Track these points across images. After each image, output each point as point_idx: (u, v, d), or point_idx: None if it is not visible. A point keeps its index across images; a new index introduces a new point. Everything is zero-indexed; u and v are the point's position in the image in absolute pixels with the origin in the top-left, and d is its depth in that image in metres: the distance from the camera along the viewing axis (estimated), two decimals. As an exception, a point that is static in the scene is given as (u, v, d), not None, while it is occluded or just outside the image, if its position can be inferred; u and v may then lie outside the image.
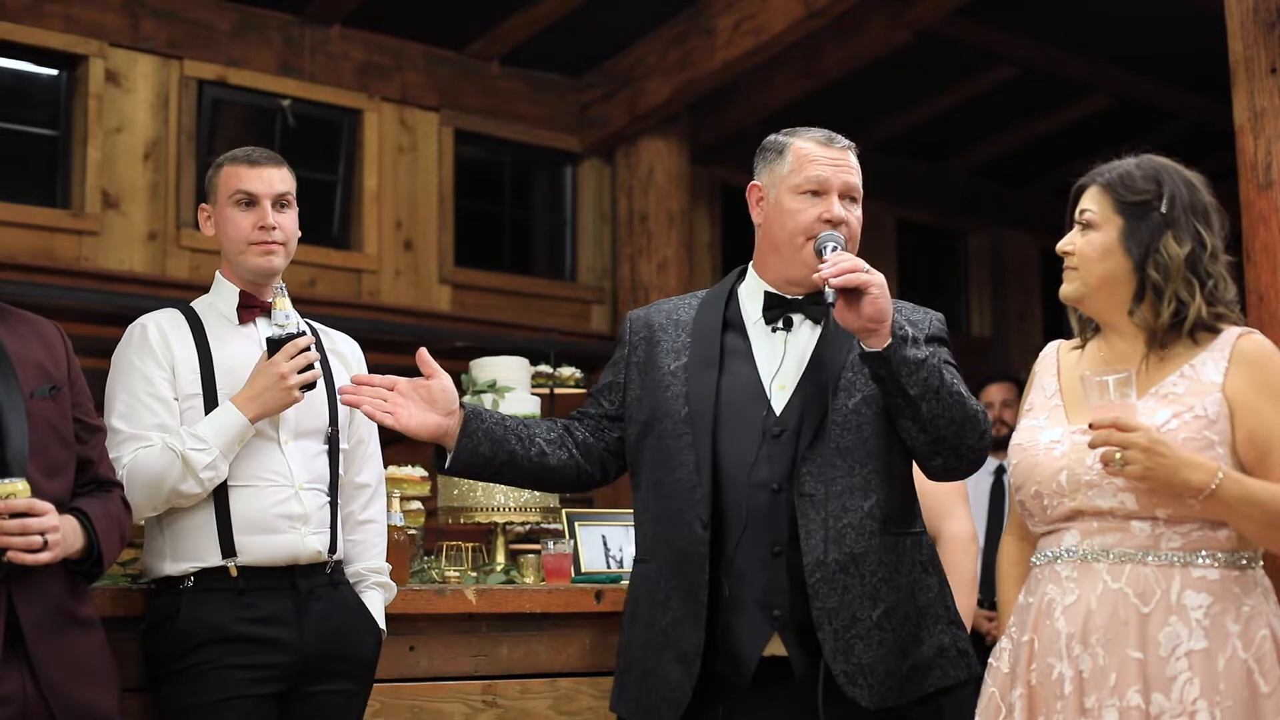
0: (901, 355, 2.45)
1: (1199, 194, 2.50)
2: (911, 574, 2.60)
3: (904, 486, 2.65)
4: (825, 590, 2.52)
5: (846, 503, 2.56)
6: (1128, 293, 2.48)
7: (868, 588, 2.54)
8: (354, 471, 3.08)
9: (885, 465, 2.60)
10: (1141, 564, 2.36)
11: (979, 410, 2.56)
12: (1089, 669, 2.34)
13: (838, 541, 2.54)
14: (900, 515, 2.62)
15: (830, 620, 2.51)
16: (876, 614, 2.53)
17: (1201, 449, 2.35)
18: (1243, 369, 2.40)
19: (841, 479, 2.57)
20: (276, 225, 2.98)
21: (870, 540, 2.55)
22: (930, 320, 2.71)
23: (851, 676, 2.50)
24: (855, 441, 2.59)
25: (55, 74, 7.26)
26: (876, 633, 2.53)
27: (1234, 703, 2.27)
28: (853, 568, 2.54)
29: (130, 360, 2.92)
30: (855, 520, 2.56)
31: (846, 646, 2.51)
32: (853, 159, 2.73)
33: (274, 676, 2.82)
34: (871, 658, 2.51)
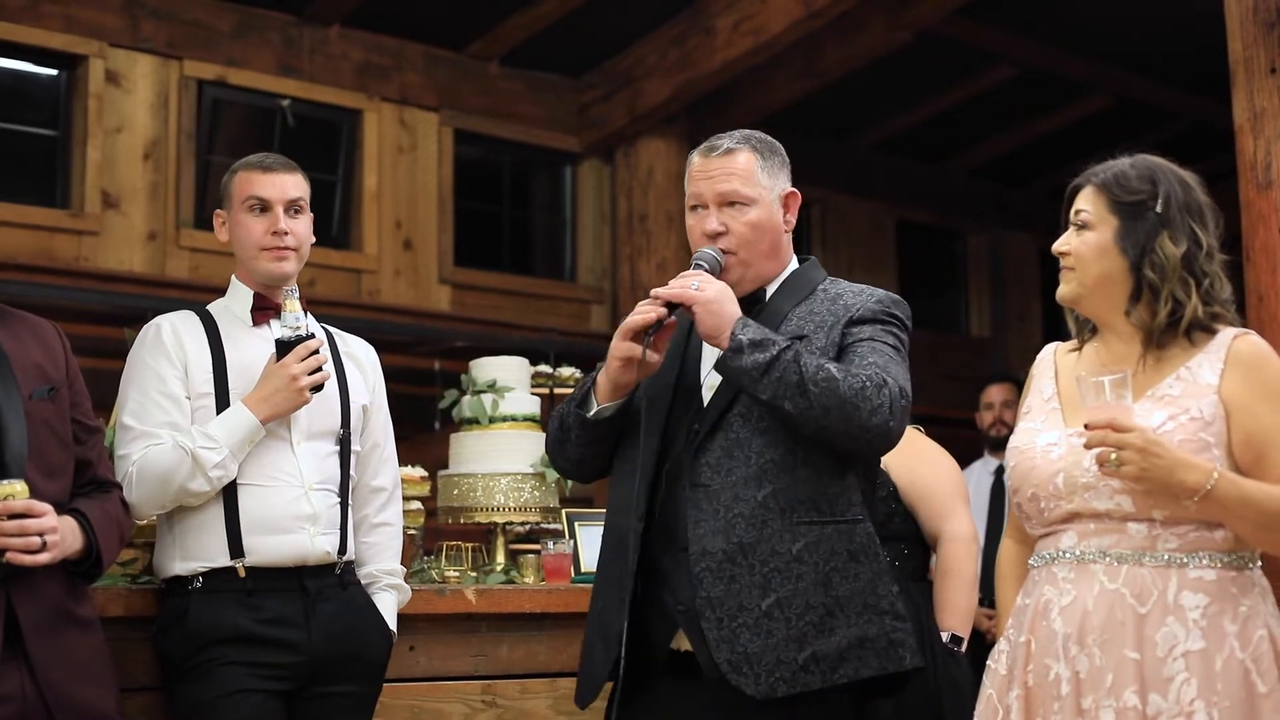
0: (736, 366, 2.50)
1: (1194, 193, 2.50)
2: (830, 563, 2.55)
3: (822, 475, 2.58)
4: (710, 579, 2.52)
5: (740, 493, 2.55)
6: (1124, 293, 2.48)
7: (757, 577, 2.51)
8: (370, 475, 3.09)
9: (789, 455, 2.56)
10: (1138, 565, 2.36)
11: (861, 387, 2.48)
12: (1086, 670, 2.34)
13: (726, 531, 2.53)
14: (813, 503, 2.57)
15: (714, 609, 2.51)
16: (766, 603, 2.50)
17: (1197, 451, 2.34)
18: (1239, 371, 2.40)
19: (739, 469, 2.57)
20: (288, 230, 3.00)
21: (762, 530, 2.53)
22: (865, 303, 2.67)
23: (736, 665, 2.48)
24: (754, 431, 2.58)
25: (55, 74, 7.26)
26: (765, 622, 2.50)
27: (1231, 703, 2.27)
28: (740, 557, 2.52)
29: (143, 359, 2.94)
30: (747, 510, 2.54)
31: (731, 635, 2.49)
32: (734, 161, 2.70)
33: (282, 676, 2.83)
34: (759, 647, 2.48)
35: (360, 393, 3.10)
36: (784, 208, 2.74)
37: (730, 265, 2.67)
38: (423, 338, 7.86)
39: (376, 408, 3.14)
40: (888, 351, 2.59)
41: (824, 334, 2.62)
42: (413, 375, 7.52)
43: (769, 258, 2.72)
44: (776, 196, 2.72)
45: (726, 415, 2.60)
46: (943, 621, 3.40)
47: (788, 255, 2.78)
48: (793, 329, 2.64)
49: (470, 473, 3.79)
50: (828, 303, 2.69)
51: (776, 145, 2.79)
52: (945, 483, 3.54)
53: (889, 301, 2.68)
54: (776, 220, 2.72)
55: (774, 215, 2.71)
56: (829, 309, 2.67)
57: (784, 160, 2.78)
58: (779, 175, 2.74)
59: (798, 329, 2.64)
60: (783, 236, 2.75)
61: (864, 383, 2.48)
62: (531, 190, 8.97)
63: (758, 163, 2.71)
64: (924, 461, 3.55)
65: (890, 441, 2.55)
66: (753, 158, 2.71)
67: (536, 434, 3.86)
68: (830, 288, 2.74)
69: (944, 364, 10.15)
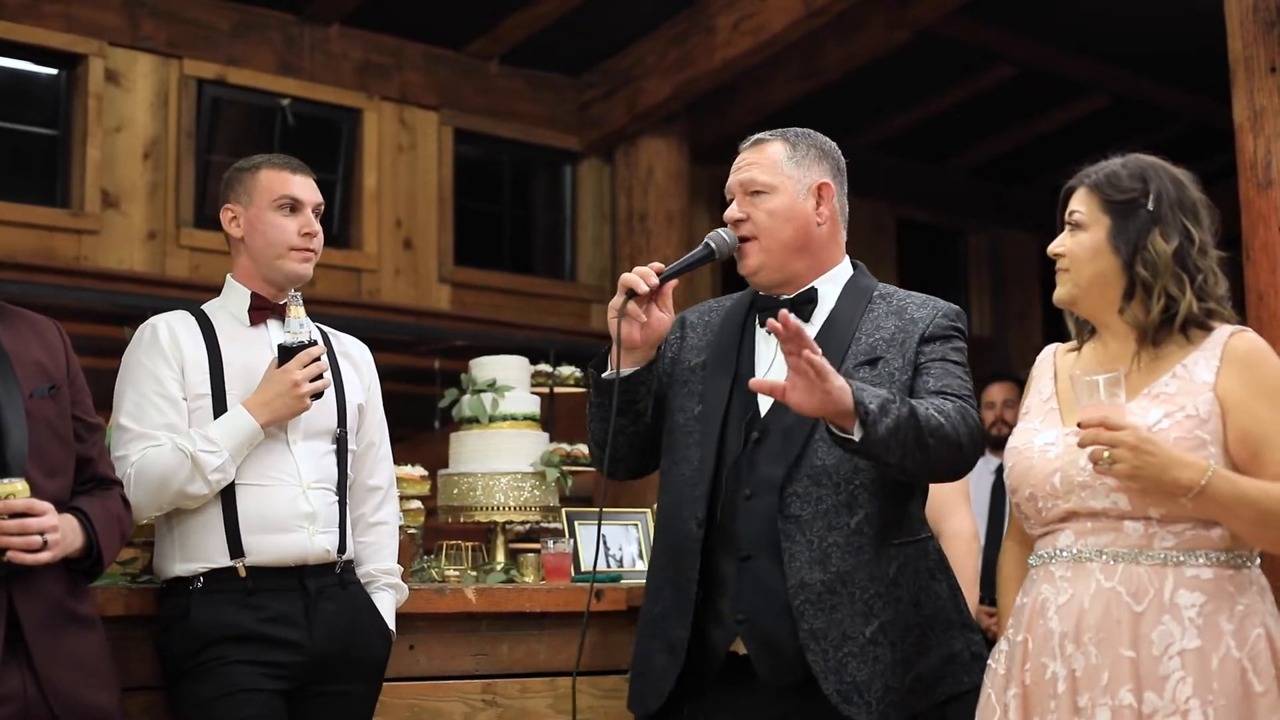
0: (873, 441, 2.39)
1: (1186, 190, 2.51)
2: (916, 582, 2.59)
3: (900, 495, 2.63)
4: (811, 611, 2.51)
5: (832, 521, 2.55)
6: (1118, 291, 2.49)
7: (859, 605, 2.52)
8: (366, 474, 3.10)
9: (875, 478, 2.57)
10: (1135, 563, 2.36)
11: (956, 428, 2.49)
12: (1081, 668, 2.35)
13: (823, 562, 2.53)
14: (899, 524, 2.60)
15: (818, 641, 2.50)
16: (870, 630, 2.51)
17: (1193, 448, 2.35)
18: (1234, 368, 2.41)
19: (828, 497, 2.56)
20: (316, 233, 3.01)
21: (859, 556, 2.54)
22: (933, 318, 2.68)
23: (846, 695, 2.49)
24: (841, 457, 2.56)
25: (55, 73, 7.25)
26: (871, 649, 2.51)
27: (1227, 702, 2.27)
28: (840, 587, 2.52)
29: (139, 360, 2.93)
30: (842, 538, 2.54)
31: (839, 665, 2.49)
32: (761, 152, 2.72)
33: (283, 675, 2.83)
34: (867, 675, 2.49)
35: (356, 392, 3.10)
36: (816, 199, 2.71)
37: (748, 251, 2.66)
38: (423, 337, 7.86)
39: (372, 407, 3.14)
40: (958, 372, 2.62)
41: (897, 351, 2.62)
42: (413, 374, 7.52)
43: (796, 250, 2.69)
44: (805, 187, 2.70)
45: (810, 442, 2.58)
46: (943, 620, 3.40)
47: (833, 254, 2.76)
48: (864, 348, 2.63)
49: (470, 472, 3.79)
50: (892, 316, 2.67)
51: (819, 140, 2.77)
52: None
53: (953, 315, 2.71)
54: (802, 210, 2.69)
55: (798, 204, 2.69)
56: (897, 324, 2.65)
57: (823, 154, 2.75)
58: (811, 167, 2.72)
59: (869, 347, 2.63)
60: (815, 230, 2.71)
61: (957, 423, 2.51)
62: (531, 189, 8.97)
63: (785, 153, 2.71)
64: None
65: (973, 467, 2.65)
66: (781, 148, 2.71)
67: (536, 433, 3.86)
68: (888, 296, 2.73)
69: (944, 363, 10.15)
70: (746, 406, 2.66)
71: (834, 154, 2.79)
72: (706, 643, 2.61)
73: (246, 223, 3.02)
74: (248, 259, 3.03)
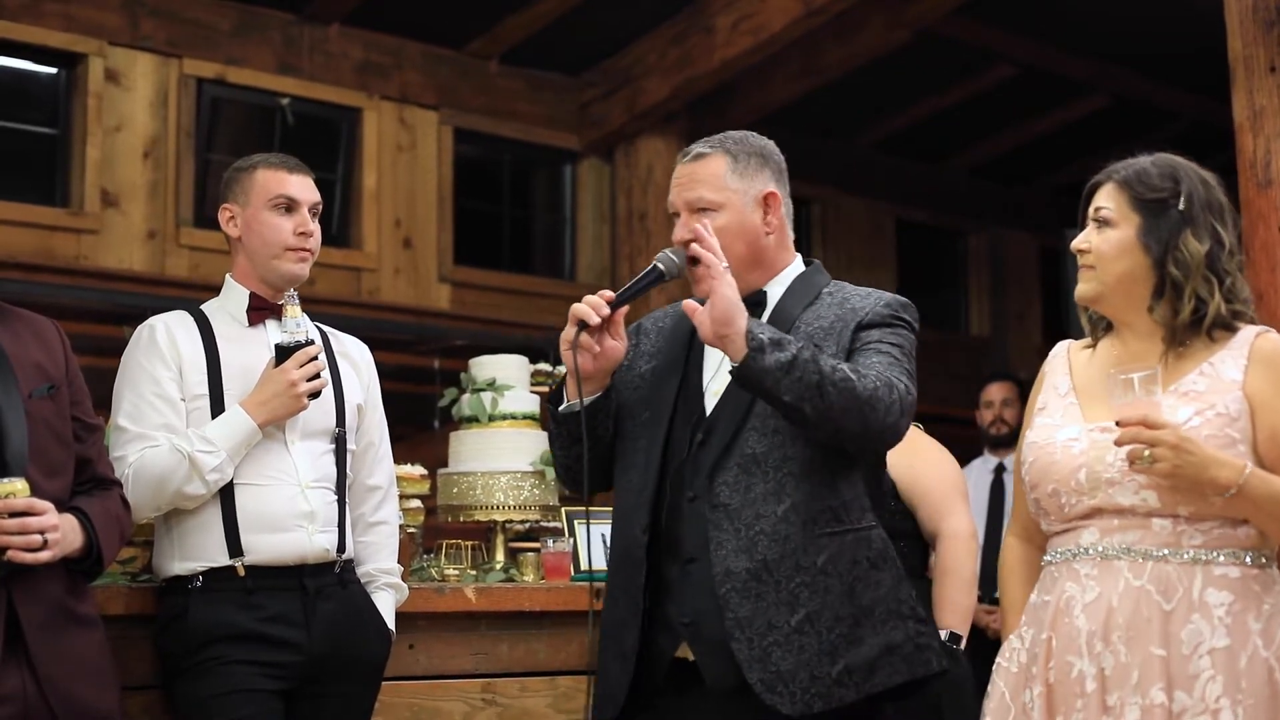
0: (760, 366, 2.40)
1: (1214, 192, 2.50)
2: (853, 572, 2.54)
3: (838, 483, 2.57)
4: (736, 600, 2.49)
5: (760, 509, 2.52)
6: (1146, 290, 2.47)
7: (784, 594, 2.49)
8: (365, 474, 3.09)
9: (806, 465, 2.54)
10: (1164, 562, 2.35)
11: (875, 388, 2.46)
12: (1111, 666, 2.33)
13: (749, 550, 2.51)
14: (832, 513, 2.56)
15: (743, 629, 2.48)
16: (796, 619, 2.49)
17: (1224, 446, 2.34)
18: (1262, 367, 2.40)
19: (757, 485, 2.54)
20: (312, 233, 3.00)
21: (786, 545, 2.51)
22: (873, 307, 2.64)
23: (769, 684, 2.46)
24: (770, 445, 2.55)
25: (55, 73, 7.25)
26: (796, 638, 2.48)
27: (1255, 701, 2.27)
28: (765, 575, 2.50)
29: (138, 360, 2.93)
30: (769, 526, 2.52)
31: (763, 655, 2.47)
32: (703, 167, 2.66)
33: (282, 674, 2.83)
34: (792, 664, 2.47)
35: (355, 391, 3.10)
36: (763, 209, 2.67)
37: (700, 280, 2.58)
38: (422, 336, 7.86)
39: (371, 406, 3.14)
40: (894, 353, 2.58)
41: (834, 340, 2.59)
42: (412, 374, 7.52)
43: (748, 263, 2.65)
44: (752, 200, 2.66)
45: (741, 431, 2.57)
46: (941, 619, 3.40)
47: (782, 258, 2.73)
48: (802, 335, 2.60)
49: (470, 471, 3.79)
50: (834, 307, 2.66)
51: (757, 145, 2.72)
52: (945, 480, 3.54)
53: (896, 305, 2.66)
54: (750, 223, 2.66)
55: (746, 219, 2.65)
56: (836, 313, 2.64)
57: (764, 160, 2.70)
58: (755, 177, 2.67)
59: (807, 336, 2.60)
60: (765, 239, 2.68)
61: (876, 384, 2.47)
62: (531, 189, 8.97)
63: (728, 166, 2.66)
64: (923, 459, 3.55)
65: (898, 440, 2.56)
66: (723, 161, 2.66)
67: (536, 432, 3.86)
68: (836, 291, 2.70)
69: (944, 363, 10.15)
70: (693, 409, 2.65)
71: (774, 156, 2.74)
72: (655, 649, 2.61)
73: (243, 222, 3.01)
74: (245, 259, 3.03)
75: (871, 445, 2.55)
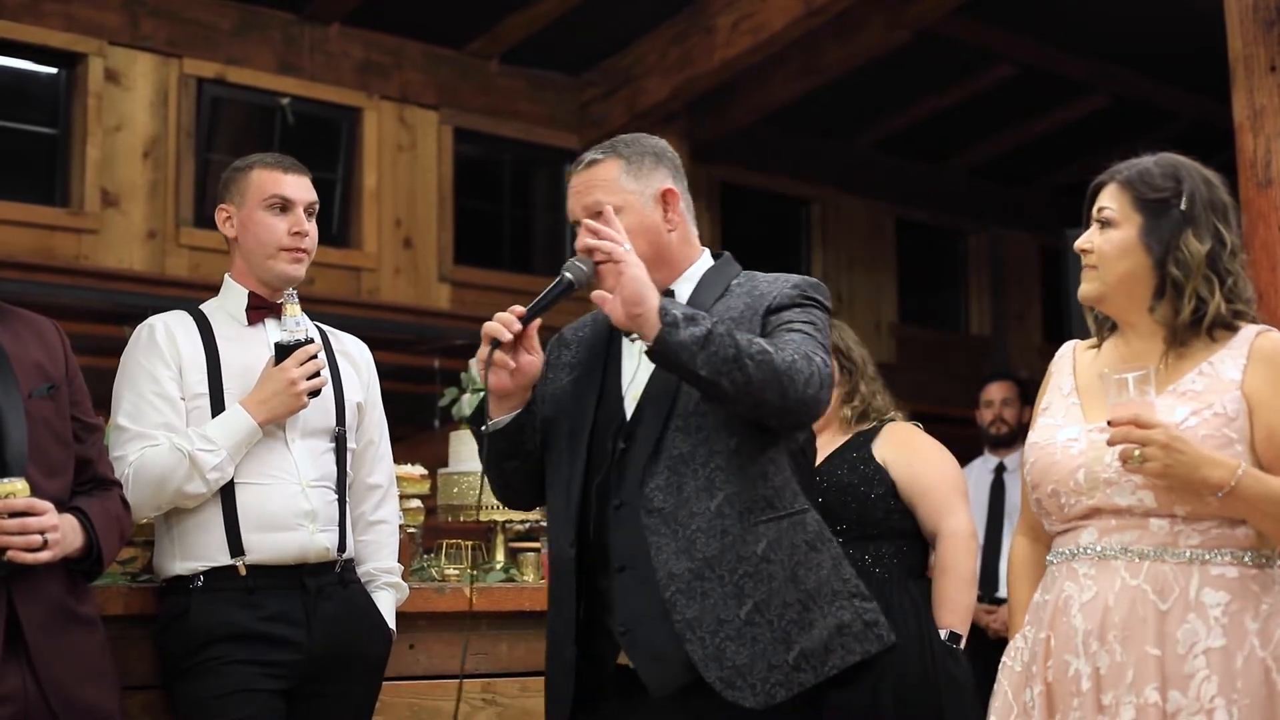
0: (676, 340, 2.38)
1: (1217, 191, 2.50)
2: (793, 557, 2.52)
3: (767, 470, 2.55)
4: (683, 601, 2.47)
5: (694, 507, 2.50)
6: (1148, 290, 2.47)
7: (730, 588, 2.47)
8: (365, 472, 3.09)
9: (733, 457, 2.52)
10: (1160, 561, 2.35)
11: (793, 361, 2.44)
12: (1106, 666, 2.34)
13: (688, 550, 2.49)
14: (765, 501, 2.53)
15: (693, 629, 2.46)
16: (745, 611, 2.47)
17: (1221, 446, 2.34)
18: (1261, 367, 2.40)
19: (688, 484, 2.52)
20: (307, 233, 3.00)
21: (724, 539, 2.49)
22: (780, 290, 2.62)
23: (728, 680, 2.44)
24: (695, 442, 2.54)
25: (55, 72, 7.26)
26: (749, 630, 2.46)
27: (1251, 701, 2.27)
28: (709, 572, 2.48)
29: (137, 360, 2.93)
30: (704, 523, 2.50)
31: (718, 651, 2.45)
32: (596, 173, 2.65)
33: (283, 674, 2.83)
34: (748, 657, 2.45)
35: (355, 390, 3.10)
36: (662, 207, 2.66)
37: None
38: (422, 336, 7.86)
39: (371, 405, 3.14)
40: (808, 330, 2.55)
41: (745, 327, 2.56)
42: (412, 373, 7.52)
43: (653, 262, 2.60)
44: (649, 199, 2.65)
45: (665, 433, 2.55)
46: (941, 619, 3.40)
47: (687, 255, 2.71)
48: None
49: (470, 471, 3.79)
50: (744, 296, 2.64)
51: (650, 145, 2.71)
52: (944, 479, 3.54)
53: (805, 285, 2.64)
54: (651, 222, 2.64)
55: (646, 218, 2.63)
56: (746, 301, 2.62)
57: (659, 158, 2.69)
58: (650, 176, 2.66)
59: None
60: (667, 236, 2.66)
61: (794, 356, 2.45)
62: (531, 189, 8.98)
63: (621, 168, 2.64)
64: (923, 458, 3.54)
65: (818, 411, 2.52)
66: (616, 164, 2.65)
67: (536, 432, 3.85)
68: (745, 281, 2.68)
69: (944, 362, 10.16)
70: (612, 417, 2.63)
71: (668, 154, 2.73)
72: (596, 659, 2.60)
73: (239, 223, 3.02)
74: (242, 259, 3.04)
75: (792, 419, 2.52)
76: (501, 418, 2.63)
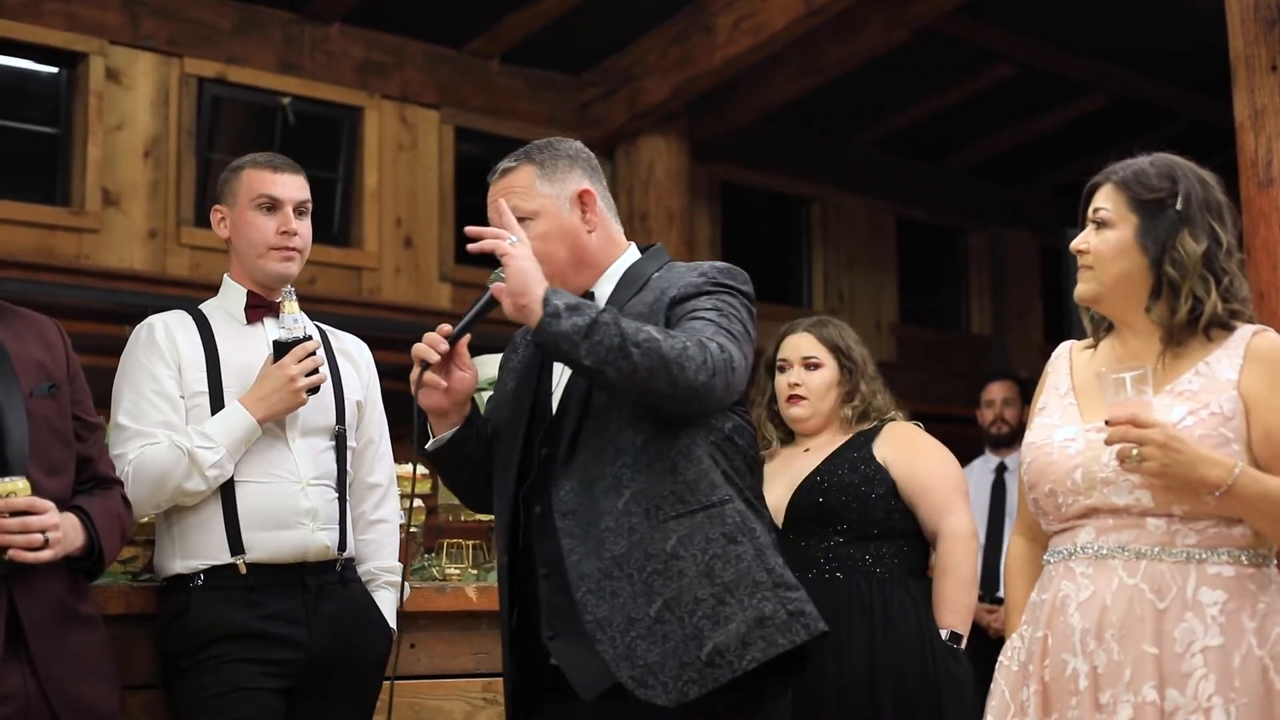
0: (557, 330, 2.36)
1: (1213, 191, 2.50)
2: (709, 550, 2.47)
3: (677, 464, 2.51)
4: (593, 601, 2.45)
5: (602, 506, 2.49)
6: (1144, 290, 2.48)
7: (639, 586, 2.45)
8: (365, 471, 3.10)
9: (639, 453, 2.50)
10: (1157, 560, 2.36)
11: (684, 347, 2.40)
12: (1104, 664, 2.34)
13: (598, 550, 2.47)
14: (677, 496, 2.49)
15: (604, 629, 2.44)
16: (655, 609, 2.44)
17: (1217, 445, 2.34)
18: (1257, 366, 2.40)
19: (596, 483, 2.50)
20: (297, 231, 3.00)
21: (631, 536, 2.46)
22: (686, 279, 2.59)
23: (640, 679, 2.42)
24: (603, 441, 2.52)
25: (55, 72, 7.26)
26: (659, 628, 2.43)
27: (1249, 699, 2.27)
28: (617, 570, 2.46)
29: (137, 359, 2.94)
30: (612, 521, 2.48)
31: (629, 650, 2.43)
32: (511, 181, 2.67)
33: (283, 673, 2.84)
34: (659, 655, 2.42)
35: (355, 389, 3.11)
36: (580, 208, 2.66)
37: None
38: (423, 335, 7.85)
39: (371, 404, 3.15)
40: (711, 317, 2.51)
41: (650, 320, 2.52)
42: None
43: (574, 265, 2.63)
44: (566, 200, 2.65)
45: (579, 433, 2.54)
46: (942, 619, 3.40)
47: (609, 253, 2.70)
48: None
49: (471, 470, 3.79)
50: (654, 289, 2.62)
51: (563, 148, 2.72)
52: (945, 479, 3.54)
53: (713, 272, 2.61)
54: (569, 224, 2.64)
55: (565, 221, 2.64)
56: (655, 295, 2.59)
57: (573, 160, 2.70)
58: (565, 178, 2.67)
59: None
60: (586, 237, 2.66)
61: (685, 343, 2.41)
62: (532, 188, 8.96)
63: (535, 173, 2.66)
64: (923, 458, 3.55)
65: (715, 399, 2.47)
66: (529, 170, 2.66)
67: (537, 432, 3.85)
68: (666, 273, 2.65)
69: (944, 361, 10.16)
70: (542, 421, 2.63)
71: (582, 155, 2.74)
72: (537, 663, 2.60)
73: (232, 223, 3.04)
74: (236, 259, 3.05)
75: (686, 406, 2.46)
76: (441, 436, 2.64)
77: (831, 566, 3.41)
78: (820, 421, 3.59)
